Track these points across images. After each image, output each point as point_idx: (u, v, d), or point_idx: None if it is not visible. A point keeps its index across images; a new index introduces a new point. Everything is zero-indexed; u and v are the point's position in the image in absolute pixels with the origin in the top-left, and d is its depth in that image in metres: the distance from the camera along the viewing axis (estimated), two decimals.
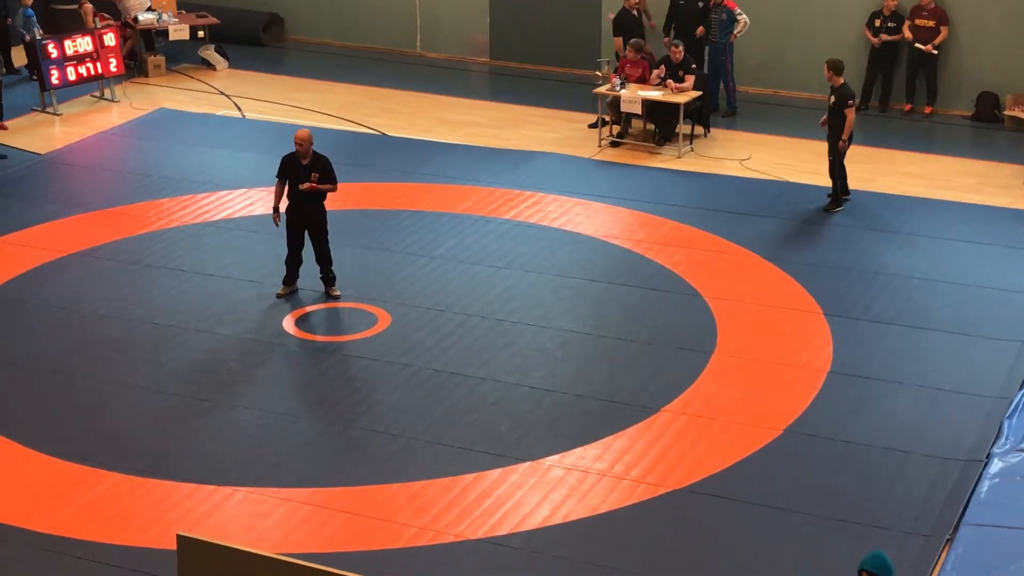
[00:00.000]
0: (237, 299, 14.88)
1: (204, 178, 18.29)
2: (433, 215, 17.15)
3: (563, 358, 13.69)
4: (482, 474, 11.60)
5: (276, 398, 12.97)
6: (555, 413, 12.63)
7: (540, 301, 14.86)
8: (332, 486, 11.45)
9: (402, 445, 12.08)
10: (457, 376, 13.24)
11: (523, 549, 10.61)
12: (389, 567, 10.26)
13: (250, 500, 11.23)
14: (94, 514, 11.06)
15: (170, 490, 11.38)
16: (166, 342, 13.98)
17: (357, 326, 14.34)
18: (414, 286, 15.18)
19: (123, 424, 12.47)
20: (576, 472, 11.64)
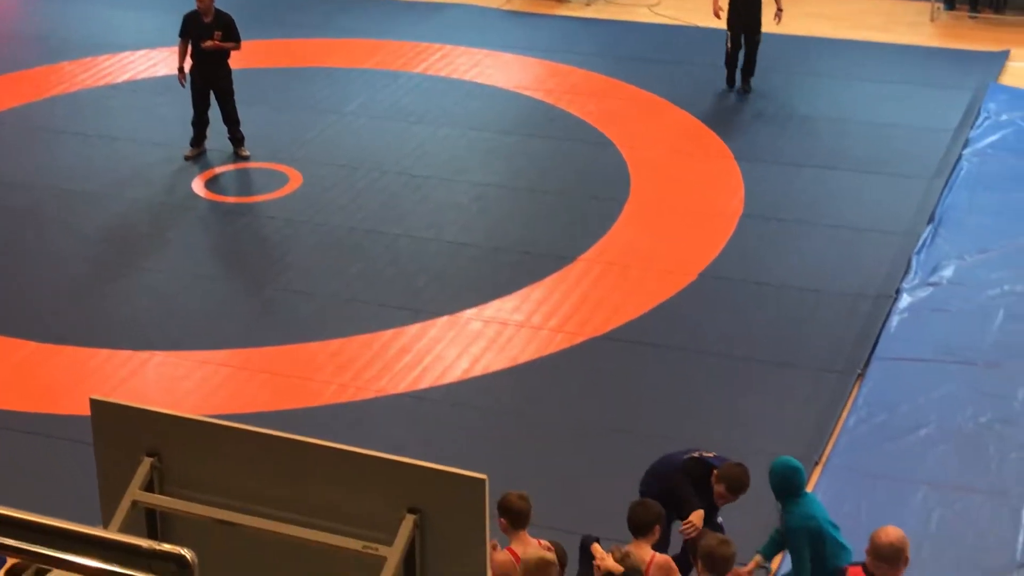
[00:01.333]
0: (145, 162, 14.67)
1: (106, 39, 17.89)
2: (342, 71, 16.93)
3: (478, 212, 13.69)
4: (401, 329, 11.64)
5: (190, 261, 12.88)
6: (472, 267, 12.66)
7: (453, 155, 14.79)
8: (251, 347, 11.43)
9: (319, 304, 12.07)
10: (372, 233, 13.20)
11: (444, 402, 10.70)
12: (312, 425, 10.31)
13: (168, 364, 11.21)
14: (9, 383, 10.99)
15: (86, 356, 11.31)
16: (75, 208, 13.79)
17: (269, 186, 14.22)
18: (325, 144, 15.04)
19: (35, 292, 12.34)
20: (494, 324, 11.71)
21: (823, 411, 10.45)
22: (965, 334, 11.36)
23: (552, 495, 9.06)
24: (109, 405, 4.60)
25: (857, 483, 9.61)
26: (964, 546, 9.04)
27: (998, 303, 11.78)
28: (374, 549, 4.57)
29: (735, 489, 8.03)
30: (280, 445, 4.76)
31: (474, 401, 10.71)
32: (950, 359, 11.02)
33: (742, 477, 8.02)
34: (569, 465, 9.88)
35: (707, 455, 8.40)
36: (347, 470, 4.70)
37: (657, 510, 7.61)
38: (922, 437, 10.12)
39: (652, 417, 10.40)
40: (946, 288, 12.02)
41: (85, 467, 7.34)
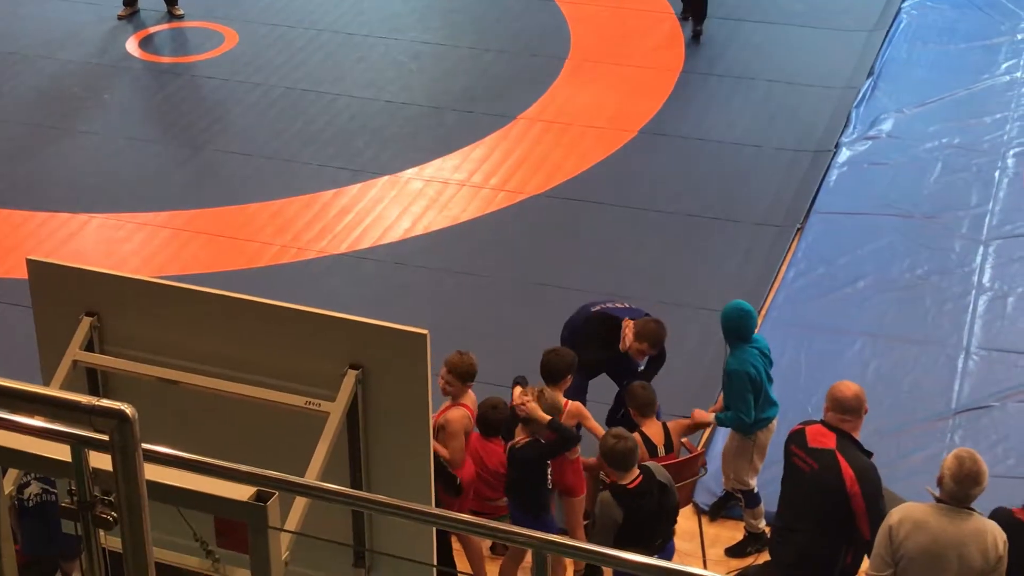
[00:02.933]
0: (77, 22, 14.39)
1: None
2: None
3: (417, 70, 13.55)
4: (342, 190, 11.59)
5: (126, 123, 12.71)
6: (411, 126, 12.57)
7: (391, 13, 14.59)
8: (190, 208, 11.36)
9: (258, 165, 11.97)
10: (310, 93, 13.06)
11: (386, 261, 10.70)
12: (253, 285, 10.26)
13: (107, 226, 11.11)
14: None
15: (24, 219, 11.20)
16: (6, 70, 13.54)
17: (204, 46, 13.99)
18: (261, 3, 14.79)
19: None
20: (435, 183, 11.67)
21: (763, 264, 10.55)
22: (903, 187, 11.45)
23: (494, 350, 9.12)
24: (46, 265, 4.57)
25: (796, 335, 9.74)
26: (901, 394, 9.21)
27: (936, 156, 11.85)
28: (316, 405, 4.60)
29: (655, 344, 8.11)
30: (220, 303, 4.76)
31: (416, 260, 10.72)
32: (888, 212, 11.12)
33: (659, 332, 8.10)
34: (510, 320, 9.95)
35: (612, 307, 8.41)
36: (288, 327, 4.70)
37: (570, 358, 7.69)
38: (860, 289, 10.25)
39: (593, 273, 10.44)
40: (884, 142, 12.07)
41: (22, 329, 7.33)
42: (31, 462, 3.60)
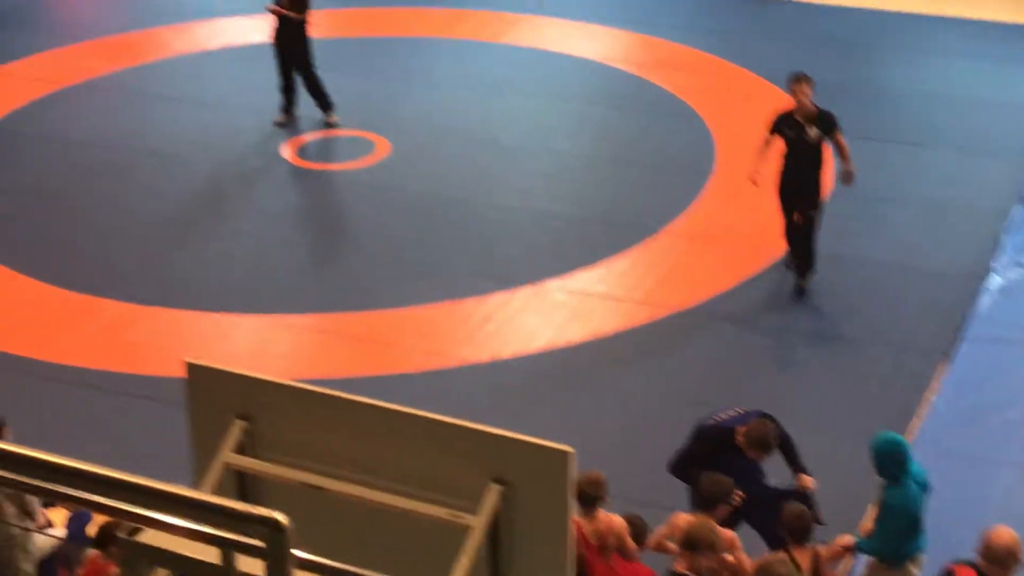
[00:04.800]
0: (236, 127, 14.82)
1: (198, 5, 18.06)
2: (431, 40, 16.97)
3: (564, 182, 13.69)
4: (485, 297, 11.69)
5: (279, 226, 13.00)
6: (557, 236, 12.68)
7: (541, 125, 14.79)
8: (337, 311, 11.54)
9: (405, 271, 12.15)
10: (459, 202, 13.25)
11: (526, 371, 10.75)
12: (396, 391, 10.36)
13: (256, 327, 11.34)
14: (101, 343, 11.18)
15: (176, 318, 11.48)
16: (167, 171, 13.97)
17: (357, 153, 14.31)
18: (413, 113, 15.10)
19: (126, 253, 12.52)
20: (578, 295, 11.73)
21: (910, 390, 10.37)
22: None
23: (632, 468, 9.07)
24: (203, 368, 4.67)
25: (944, 464, 9.52)
26: None
27: None
28: (459, 517, 4.61)
29: (765, 446, 7.96)
30: (368, 411, 4.81)
31: (556, 371, 10.75)
32: None
33: (764, 433, 7.94)
34: (650, 438, 9.88)
35: (723, 418, 8.24)
36: (434, 438, 4.73)
37: (727, 486, 7.55)
38: (1010, 419, 10.02)
39: (735, 393, 10.34)
40: None
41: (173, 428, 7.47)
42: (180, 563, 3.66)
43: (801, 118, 11.10)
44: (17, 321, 11.49)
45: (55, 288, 11.89)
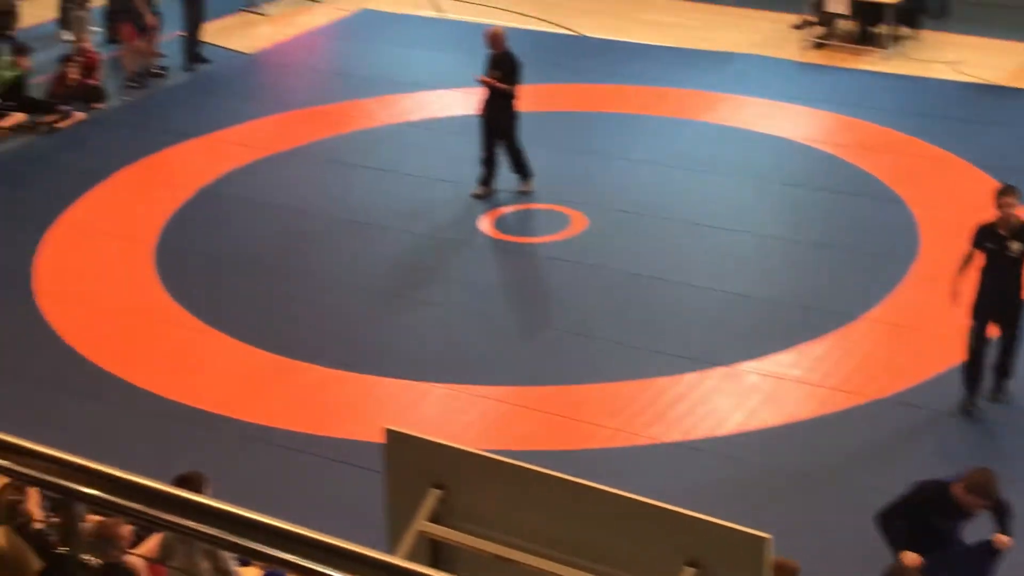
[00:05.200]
0: (434, 198, 15.04)
1: (404, 78, 18.45)
2: (631, 117, 17.03)
3: (761, 263, 13.55)
4: (677, 377, 11.60)
5: (472, 297, 13.12)
6: (751, 318, 12.53)
7: (739, 205, 14.69)
8: (528, 385, 11.57)
9: (597, 346, 12.13)
10: (653, 279, 13.21)
11: (717, 453, 10.61)
12: (583, 467, 10.34)
13: (447, 396, 11.43)
14: (299, 405, 11.38)
15: (370, 384, 11.64)
16: (365, 239, 14.24)
17: (553, 227, 14.38)
18: (611, 188, 15.13)
19: (324, 318, 12.76)
20: (771, 378, 11.56)
21: None
22: None
23: (827, 557, 8.86)
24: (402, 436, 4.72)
25: None
26: None
27: None
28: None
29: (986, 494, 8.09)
30: (562, 486, 4.79)
31: (748, 456, 10.58)
32: None
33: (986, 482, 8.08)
34: (845, 528, 9.64)
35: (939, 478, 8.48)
36: (627, 516, 4.69)
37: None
38: None
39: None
40: None
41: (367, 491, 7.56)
42: None
43: (1005, 231, 10.75)
44: (220, 380, 11.78)
45: (256, 350, 12.16)
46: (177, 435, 10.94)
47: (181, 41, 19.16)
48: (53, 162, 16.33)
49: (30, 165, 16.28)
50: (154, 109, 17.83)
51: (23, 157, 16.47)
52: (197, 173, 15.72)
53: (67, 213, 14.78)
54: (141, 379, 11.71)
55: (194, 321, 12.60)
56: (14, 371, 11.88)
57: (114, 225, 14.56)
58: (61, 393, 11.54)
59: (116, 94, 18.22)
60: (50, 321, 12.64)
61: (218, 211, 14.92)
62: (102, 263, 13.76)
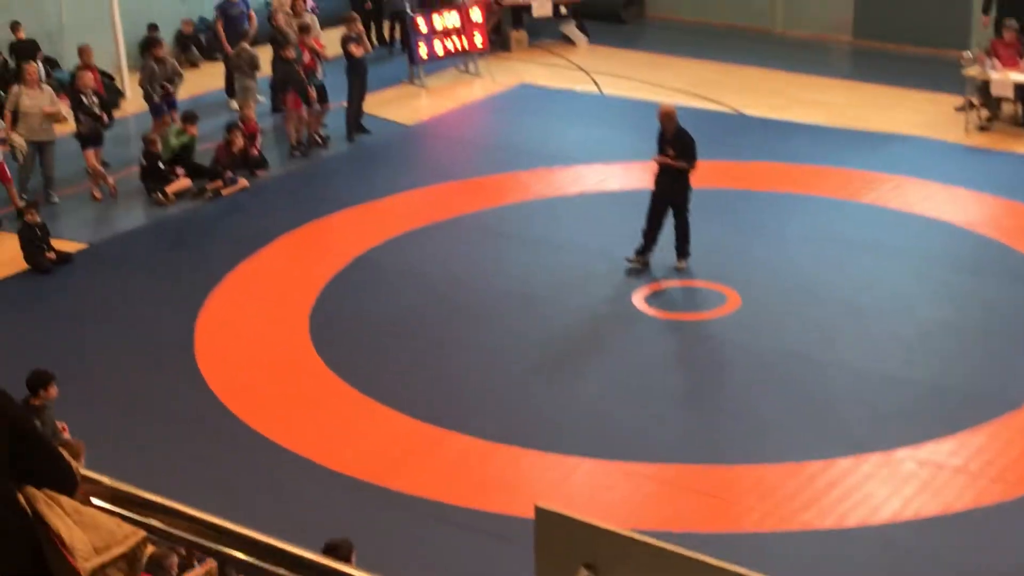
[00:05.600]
0: (589, 272, 15.02)
1: (560, 152, 18.55)
2: (789, 196, 16.87)
3: (921, 347, 13.25)
4: (831, 462, 11.35)
5: (624, 372, 13.03)
6: (910, 404, 12.24)
7: (898, 288, 14.41)
8: (678, 463, 11.43)
9: (750, 427, 11.95)
10: (809, 360, 12.99)
11: (872, 542, 10.34)
12: (733, 550, 10.15)
13: (596, 472, 11.34)
14: (446, 476, 11.37)
15: (519, 456, 11.59)
16: (519, 310, 14.26)
17: (708, 304, 14.26)
18: (767, 267, 14.98)
19: (476, 389, 12.78)
20: (930, 466, 11.25)
21: None
22: None
23: None
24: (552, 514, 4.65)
25: None
26: None
27: None
28: None
29: None
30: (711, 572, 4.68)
31: (904, 545, 10.29)
32: None
33: None
34: None
35: None
36: None
37: None
38: None
39: None
40: None
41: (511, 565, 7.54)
42: None
43: None
44: (369, 447, 11.84)
45: (407, 417, 12.21)
46: (326, 500, 11.01)
47: (344, 111, 19.53)
48: (216, 227, 16.72)
49: (195, 230, 16.68)
50: (315, 178, 18.17)
51: (188, 222, 16.89)
52: (355, 241, 15.94)
53: (229, 277, 15.08)
54: (293, 443, 11.83)
55: (346, 387, 12.72)
56: (171, 430, 12.09)
57: (273, 290, 14.82)
58: (215, 454, 11.71)
59: (279, 162, 18.61)
60: (209, 383, 12.87)
61: (374, 279, 15.09)
62: (260, 327, 13.99)
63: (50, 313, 14.55)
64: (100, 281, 15.28)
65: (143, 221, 17.03)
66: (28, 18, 20.96)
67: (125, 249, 16.18)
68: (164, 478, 10.05)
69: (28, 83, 17.17)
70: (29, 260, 15.41)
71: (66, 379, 11.08)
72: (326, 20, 22.05)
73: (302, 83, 18.76)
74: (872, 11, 23.00)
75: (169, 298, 14.72)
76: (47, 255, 15.44)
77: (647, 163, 15.19)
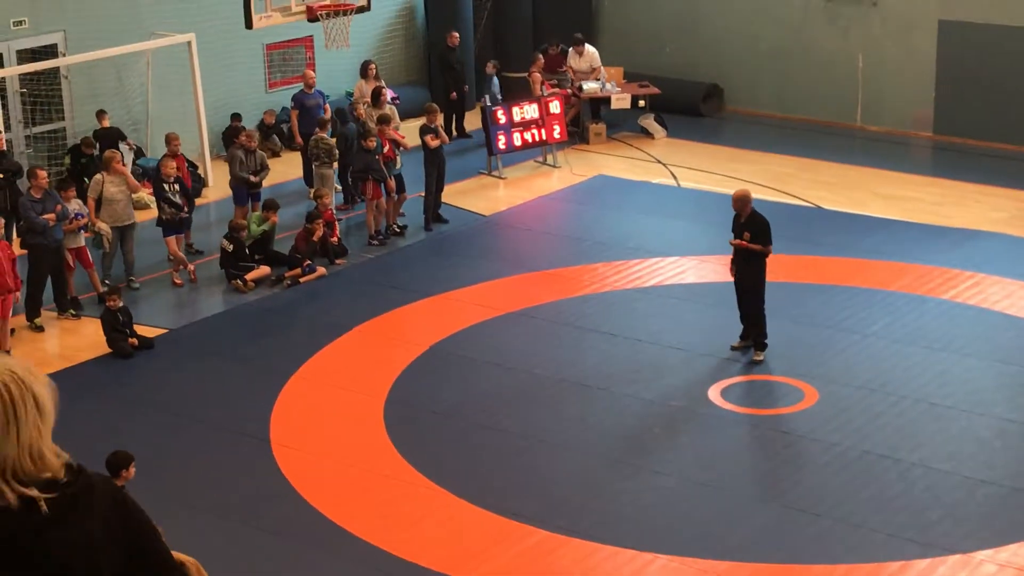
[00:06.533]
0: (665, 365, 14.98)
1: (637, 244, 18.58)
2: (867, 292, 16.76)
3: (1001, 447, 13.05)
4: (909, 563, 11.18)
5: (699, 467, 12.94)
6: (989, 505, 12.04)
7: (977, 387, 14.23)
8: (752, 561, 11.30)
9: (825, 526, 11.80)
10: (886, 459, 12.84)
11: None
12: None
13: (669, 569, 11.23)
14: (518, 569, 11.31)
15: (591, 551, 11.51)
16: (594, 403, 14.23)
17: (784, 400, 14.16)
18: (844, 363, 14.85)
19: (549, 481, 12.74)
20: (1010, 569, 11.04)
21: None
22: None
23: None
24: None
25: None
26: None
27: None
28: None
29: None
30: None
31: None
32: None
33: None
34: None
35: None
36: None
37: None
38: None
39: None
40: None
41: None
42: None
43: None
44: (442, 538, 11.81)
45: (479, 509, 12.19)
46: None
47: (422, 201, 19.71)
48: (295, 315, 16.88)
49: (273, 317, 16.84)
50: (393, 267, 18.32)
51: (266, 309, 17.06)
52: (431, 330, 16.02)
53: (306, 365, 15.20)
54: (366, 532, 11.83)
55: (420, 477, 12.72)
56: (248, 519, 12.14)
57: (349, 379, 14.90)
58: (290, 543, 11.73)
59: (357, 251, 18.79)
60: (284, 471, 12.93)
61: (449, 368, 15.13)
62: (335, 415, 14.06)
63: (132, 398, 14.73)
64: (180, 367, 15.45)
65: (222, 308, 17.23)
66: (115, 107, 21.41)
67: (204, 335, 16.38)
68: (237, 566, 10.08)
69: (112, 170, 17.45)
70: (111, 345, 15.64)
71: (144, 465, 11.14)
72: (406, 111, 22.32)
73: (381, 172, 18.97)
74: (953, 106, 22.92)
75: (247, 385, 14.84)
76: (129, 340, 15.67)
77: (723, 256, 15.16)
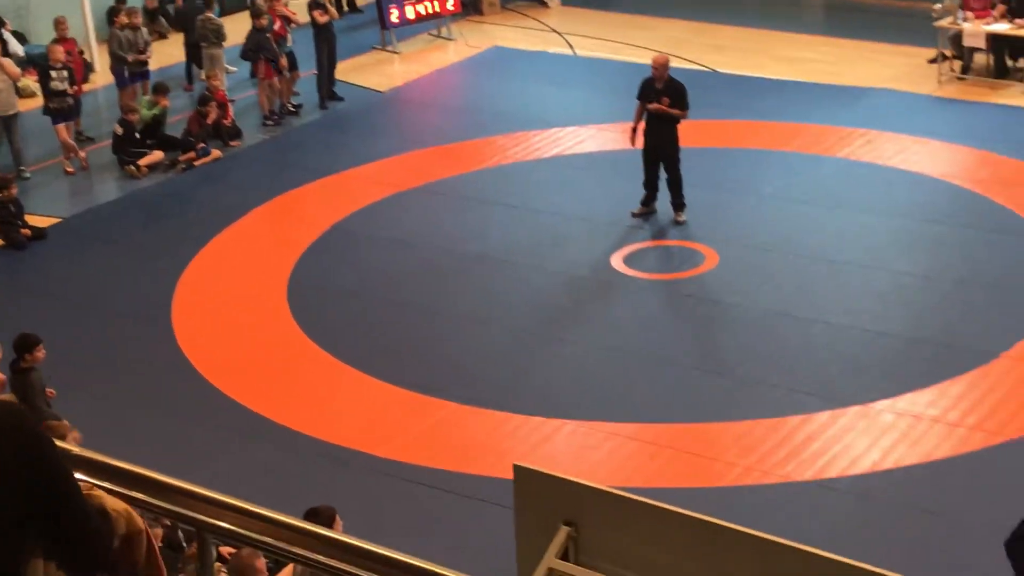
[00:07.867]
0: (567, 235, 15.03)
1: (536, 115, 18.52)
2: (763, 153, 16.90)
3: (897, 301, 13.31)
4: (810, 416, 11.42)
5: (604, 334, 13.06)
6: (887, 357, 12.31)
7: (873, 242, 14.46)
8: (658, 422, 11.48)
9: (729, 384, 12.01)
10: (786, 317, 13.04)
11: (851, 492, 10.42)
12: (714, 505, 10.22)
13: (579, 433, 11.38)
14: (429, 441, 11.41)
15: (501, 421, 11.63)
16: (498, 275, 14.27)
17: (685, 264, 14.30)
18: (742, 225, 15.01)
19: (456, 354, 12.81)
20: (907, 417, 11.33)
21: None
22: None
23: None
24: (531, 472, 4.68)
25: None
26: None
27: None
28: None
29: None
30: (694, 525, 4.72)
31: (883, 495, 10.37)
32: None
33: None
34: (982, 568, 9.39)
35: None
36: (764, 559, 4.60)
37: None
38: None
39: None
40: None
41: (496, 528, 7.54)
42: None
43: None
44: (350, 415, 11.87)
45: (387, 385, 12.24)
46: (307, 469, 11.04)
47: (315, 79, 19.45)
48: (190, 199, 16.68)
49: (168, 202, 16.63)
50: (289, 147, 18.12)
51: (161, 194, 16.84)
52: (330, 209, 15.92)
53: (205, 249, 15.05)
54: (273, 412, 11.84)
55: (325, 356, 12.73)
56: (152, 402, 12.10)
57: (249, 261, 14.79)
58: (195, 425, 11.72)
59: (252, 132, 18.55)
60: (187, 354, 12.87)
61: (350, 247, 15.07)
62: (237, 298, 13.98)
63: (26, 288, 14.52)
64: (75, 255, 15.24)
65: (116, 194, 16.97)
66: None
67: (99, 223, 16.14)
68: (144, 449, 10.07)
69: None
70: (3, 236, 15.36)
71: None
72: None
73: (273, 51, 18.68)
74: None
75: (145, 271, 14.68)
76: (21, 231, 15.39)
77: (623, 124, 15.17)
